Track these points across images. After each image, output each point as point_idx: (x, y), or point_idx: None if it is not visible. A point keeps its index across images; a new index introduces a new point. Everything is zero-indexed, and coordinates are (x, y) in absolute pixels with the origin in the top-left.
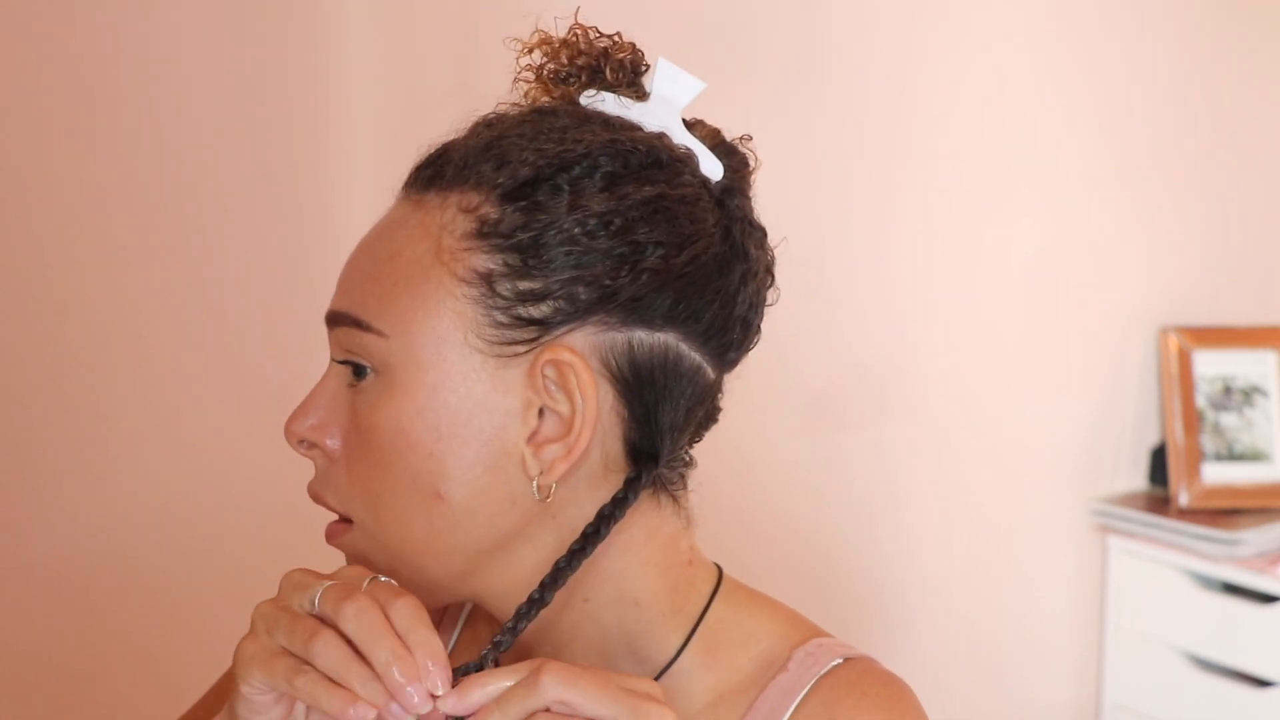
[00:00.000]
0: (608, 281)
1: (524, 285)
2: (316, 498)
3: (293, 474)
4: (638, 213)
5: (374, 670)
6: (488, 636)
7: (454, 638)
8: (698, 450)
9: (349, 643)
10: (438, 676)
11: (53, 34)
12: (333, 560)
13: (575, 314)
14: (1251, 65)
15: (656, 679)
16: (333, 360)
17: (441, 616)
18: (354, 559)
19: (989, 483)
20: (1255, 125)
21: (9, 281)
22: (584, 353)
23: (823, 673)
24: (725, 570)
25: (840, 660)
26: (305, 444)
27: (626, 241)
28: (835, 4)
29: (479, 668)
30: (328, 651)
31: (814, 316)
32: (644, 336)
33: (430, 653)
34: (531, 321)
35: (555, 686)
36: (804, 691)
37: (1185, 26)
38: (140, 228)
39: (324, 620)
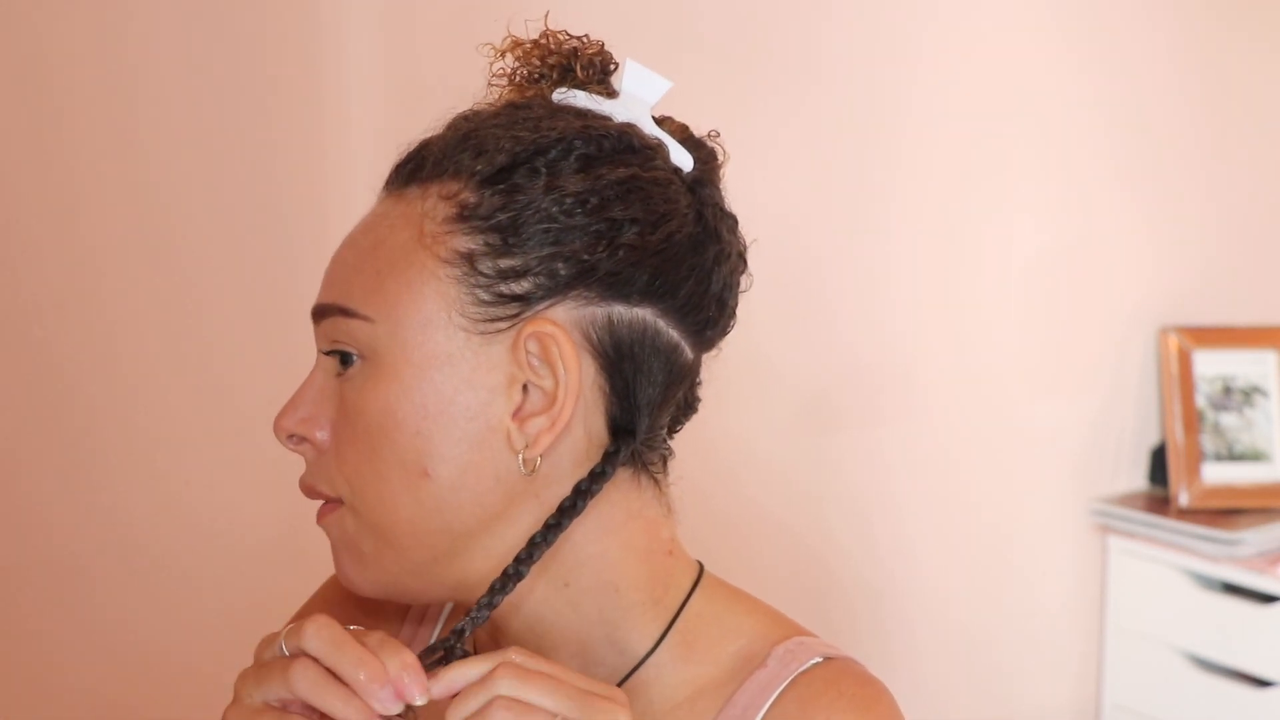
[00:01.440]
0: (586, 257)
1: (504, 263)
2: (309, 489)
3: (287, 473)
4: (613, 192)
5: (347, 684)
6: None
7: (435, 634)
8: (697, 453)
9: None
10: (414, 685)
11: (45, 32)
12: (323, 557)
13: (555, 289)
14: (1253, 65)
15: (634, 670)
16: (320, 353)
17: (424, 614)
18: (340, 540)
19: (989, 483)
20: (1256, 125)
21: (19, 271)
22: (565, 326)
23: (801, 670)
24: (718, 571)
25: (820, 659)
26: (294, 438)
27: (603, 219)
28: (833, 2)
29: (449, 646)
30: (305, 676)
31: (812, 317)
32: (623, 311)
33: (403, 663)
34: (513, 298)
35: (508, 685)
36: (780, 688)
37: (1186, 26)
38: (132, 231)
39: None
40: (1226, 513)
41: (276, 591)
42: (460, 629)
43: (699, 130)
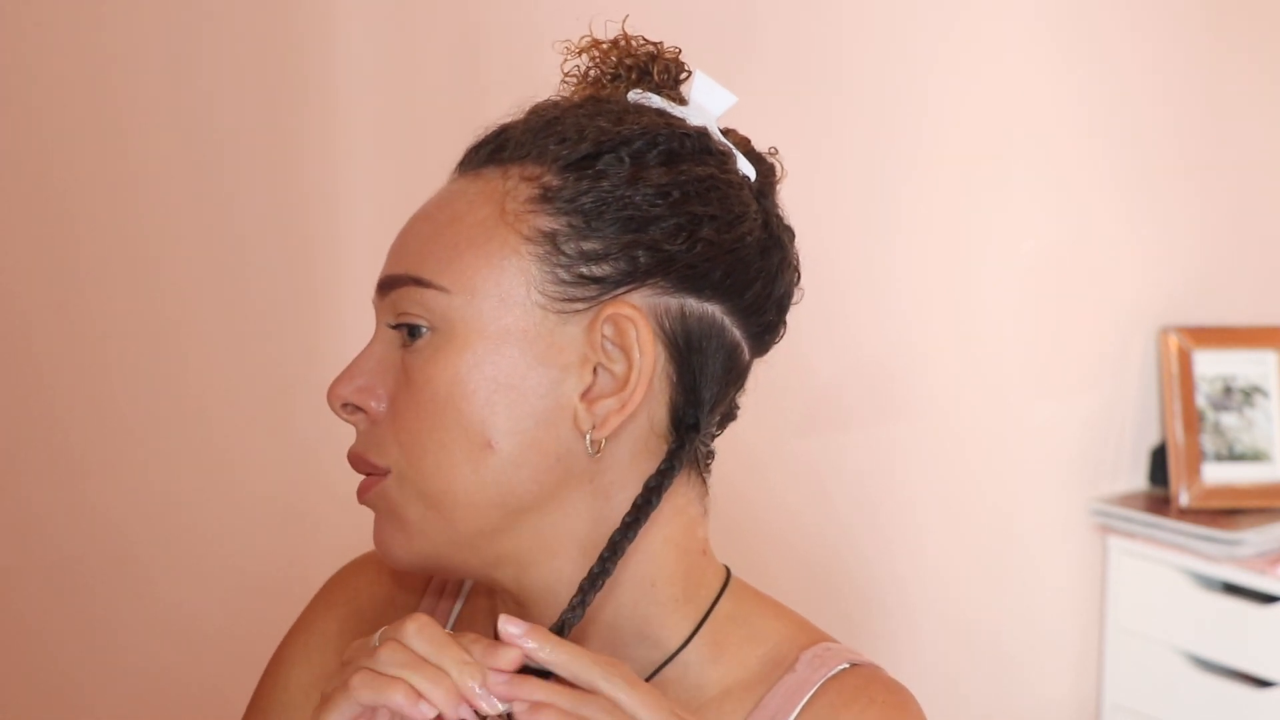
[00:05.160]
0: (666, 247)
1: (587, 245)
2: (358, 459)
3: (294, 469)
4: (693, 188)
5: (447, 675)
6: (487, 611)
7: (455, 609)
8: None
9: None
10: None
11: (75, 42)
12: (331, 552)
13: (634, 276)
14: (1252, 65)
15: (662, 665)
16: (383, 325)
17: (444, 588)
18: (385, 510)
19: (990, 482)
20: (1256, 125)
21: (13, 277)
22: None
23: (829, 675)
24: (729, 561)
25: (847, 665)
26: (349, 407)
27: (684, 212)
28: (843, 10)
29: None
30: (393, 654)
31: (817, 316)
32: (694, 305)
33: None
34: (592, 280)
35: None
36: (810, 693)
37: (1185, 28)
38: (145, 225)
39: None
40: (1226, 513)
41: (267, 600)
42: (559, 629)
43: (759, 146)
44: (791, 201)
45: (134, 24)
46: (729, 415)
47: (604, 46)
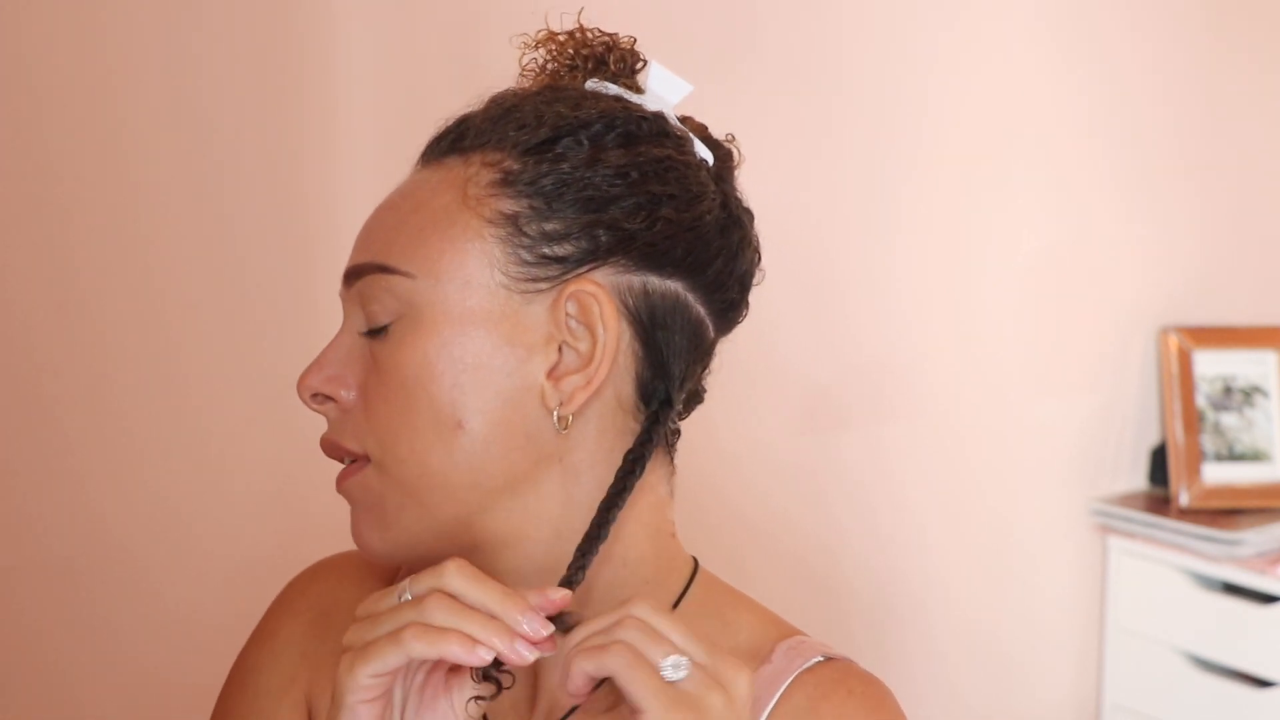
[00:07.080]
0: (627, 226)
1: (548, 226)
2: (332, 446)
3: (293, 469)
4: (651, 169)
5: (491, 613)
6: None
7: None
8: (705, 448)
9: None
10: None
11: (75, 42)
12: (330, 551)
13: (595, 255)
14: (1252, 65)
15: None
16: (350, 316)
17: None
18: (362, 500)
19: (989, 483)
20: (1256, 125)
21: (13, 277)
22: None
23: (805, 667)
24: (727, 570)
25: (821, 658)
26: (319, 397)
27: (643, 192)
28: (843, 10)
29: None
30: (441, 606)
31: (816, 315)
32: (656, 282)
33: (542, 594)
34: (555, 260)
35: (642, 611)
36: (786, 683)
37: (1185, 28)
38: (142, 224)
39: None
40: (1226, 513)
41: (266, 600)
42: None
43: (716, 133)
44: (791, 201)
45: (134, 24)
46: (696, 397)
47: (560, 39)
